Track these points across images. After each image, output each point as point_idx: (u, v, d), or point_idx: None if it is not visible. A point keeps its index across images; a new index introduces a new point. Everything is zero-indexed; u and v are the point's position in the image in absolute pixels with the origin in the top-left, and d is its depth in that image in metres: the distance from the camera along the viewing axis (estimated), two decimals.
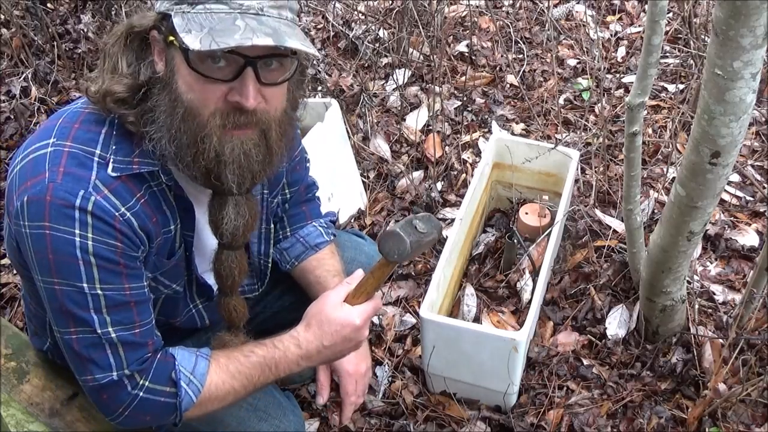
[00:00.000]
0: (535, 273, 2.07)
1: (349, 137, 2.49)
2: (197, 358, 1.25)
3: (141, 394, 1.20)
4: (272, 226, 1.52)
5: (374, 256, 1.56)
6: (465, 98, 2.88)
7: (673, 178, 2.03)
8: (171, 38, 1.09)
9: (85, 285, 1.13)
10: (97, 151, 1.15)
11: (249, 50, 1.06)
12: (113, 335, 1.17)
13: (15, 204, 1.13)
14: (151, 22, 1.14)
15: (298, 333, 1.30)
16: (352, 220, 2.41)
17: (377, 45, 3.06)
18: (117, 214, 1.13)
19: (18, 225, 1.14)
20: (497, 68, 3.06)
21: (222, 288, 1.36)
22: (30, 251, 1.14)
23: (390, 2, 3.19)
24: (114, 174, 1.14)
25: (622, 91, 2.88)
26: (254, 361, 1.27)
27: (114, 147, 1.16)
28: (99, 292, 1.14)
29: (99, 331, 1.16)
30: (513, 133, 2.76)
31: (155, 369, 1.21)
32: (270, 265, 1.55)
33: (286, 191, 1.54)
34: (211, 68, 1.08)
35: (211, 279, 1.40)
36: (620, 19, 3.35)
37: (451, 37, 3.22)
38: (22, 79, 2.93)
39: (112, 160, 1.15)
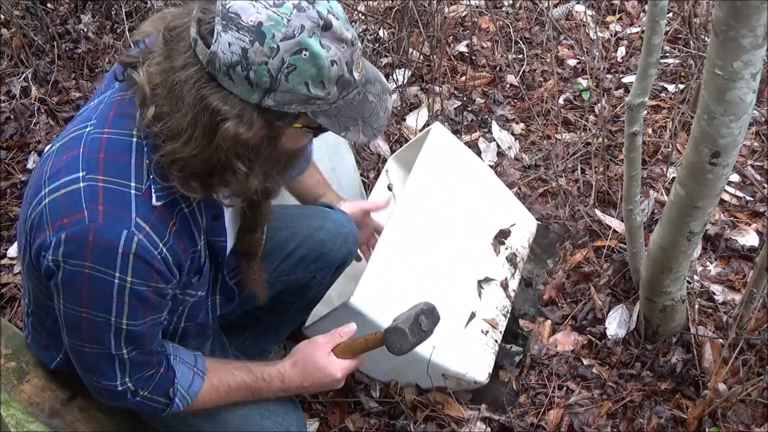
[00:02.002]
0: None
1: None
2: (194, 377, 1.36)
3: (137, 399, 1.32)
4: None
5: (341, 223, 1.73)
6: (465, 98, 2.88)
7: (673, 178, 2.04)
8: (296, 126, 1.15)
9: (112, 318, 1.18)
10: (133, 183, 1.15)
11: None
12: (125, 356, 1.24)
13: (49, 238, 1.14)
14: (259, 121, 1.10)
15: (284, 370, 1.42)
16: None
17: (377, 45, 3.06)
18: (156, 252, 1.16)
19: (54, 257, 1.14)
20: (497, 68, 3.06)
21: (249, 226, 1.43)
22: (60, 280, 1.16)
23: (390, 2, 3.19)
24: (157, 203, 1.15)
25: (622, 91, 2.88)
26: (240, 387, 1.41)
27: (150, 176, 1.15)
28: (123, 326, 1.20)
29: (113, 352, 1.23)
30: (513, 133, 2.76)
31: (156, 384, 1.32)
32: None
33: None
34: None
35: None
36: (620, 19, 3.35)
37: (451, 37, 3.22)
38: (22, 79, 2.93)
39: (153, 189, 1.15)
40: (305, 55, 1.05)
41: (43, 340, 1.46)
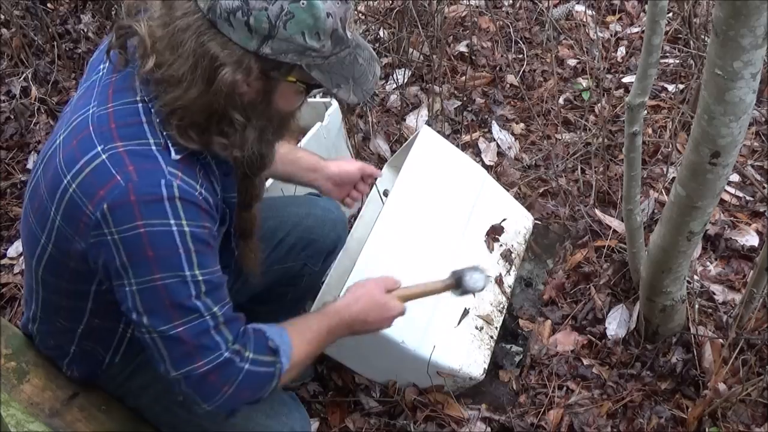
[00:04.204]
0: None
1: (349, 137, 2.49)
2: (280, 330, 1.31)
3: (247, 366, 1.23)
4: None
5: (329, 209, 1.74)
6: (465, 98, 2.88)
7: (673, 178, 2.03)
8: (290, 79, 1.16)
9: (187, 273, 1.15)
10: (151, 140, 1.16)
11: None
12: (219, 315, 1.20)
13: (92, 216, 1.13)
14: (256, 68, 1.12)
15: (347, 304, 1.41)
16: (352, 219, 2.41)
17: (377, 45, 3.06)
18: (196, 193, 1.16)
19: (101, 235, 1.13)
20: (497, 68, 3.06)
21: (244, 203, 1.41)
22: (121, 257, 1.14)
23: (390, 2, 3.19)
24: (177, 156, 1.16)
25: (622, 91, 2.88)
26: (320, 327, 1.37)
27: (165, 133, 1.16)
28: (200, 278, 1.17)
29: (206, 315, 1.18)
30: (513, 133, 2.76)
31: (254, 340, 1.26)
32: None
33: None
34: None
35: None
36: (620, 19, 3.35)
37: (451, 37, 3.22)
38: (22, 79, 2.93)
39: (170, 144, 1.16)
40: (303, 4, 1.09)
41: (52, 340, 1.46)
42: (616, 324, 2.01)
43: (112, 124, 1.17)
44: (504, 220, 2.14)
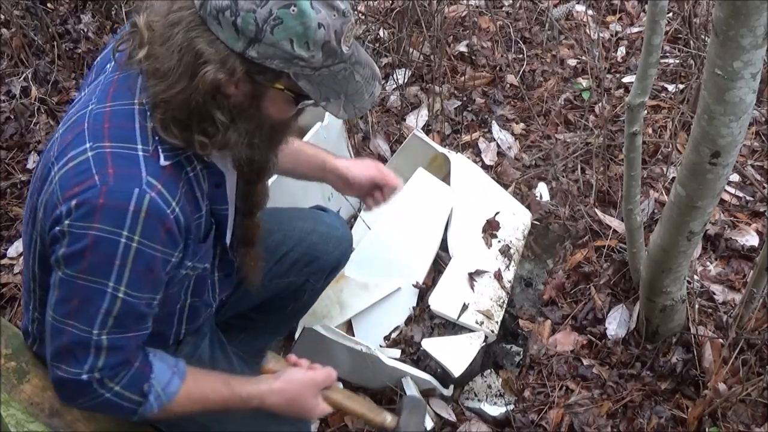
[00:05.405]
0: None
1: (349, 137, 2.49)
2: (173, 377, 1.29)
3: (107, 395, 1.22)
4: None
5: (335, 226, 1.74)
6: (465, 98, 2.88)
7: (673, 178, 2.04)
8: (277, 86, 1.14)
9: (110, 285, 1.14)
10: (139, 146, 1.15)
11: None
12: (105, 339, 1.18)
13: (60, 209, 1.13)
14: (240, 70, 1.10)
15: (267, 395, 1.36)
16: (353, 219, 2.41)
17: (377, 45, 3.06)
18: (169, 211, 1.14)
19: (60, 226, 1.13)
20: (497, 68, 3.06)
21: (245, 210, 1.41)
22: (64, 249, 1.13)
23: (390, 2, 3.19)
24: (165, 163, 1.15)
25: (622, 91, 2.88)
26: (217, 399, 1.33)
27: (156, 137, 1.16)
28: (120, 296, 1.15)
29: (94, 332, 1.17)
30: (513, 133, 2.76)
31: (131, 377, 1.24)
32: None
33: None
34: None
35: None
36: (620, 19, 3.35)
37: (451, 37, 3.22)
38: (22, 79, 2.93)
39: (161, 149, 1.15)
40: (293, 10, 1.07)
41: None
42: (616, 324, 2.01)
43: (106, 123, 1.17)
44: (497, 213, 2.15)
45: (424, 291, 2.04)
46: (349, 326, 2.01)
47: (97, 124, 1.17)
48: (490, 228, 2.13)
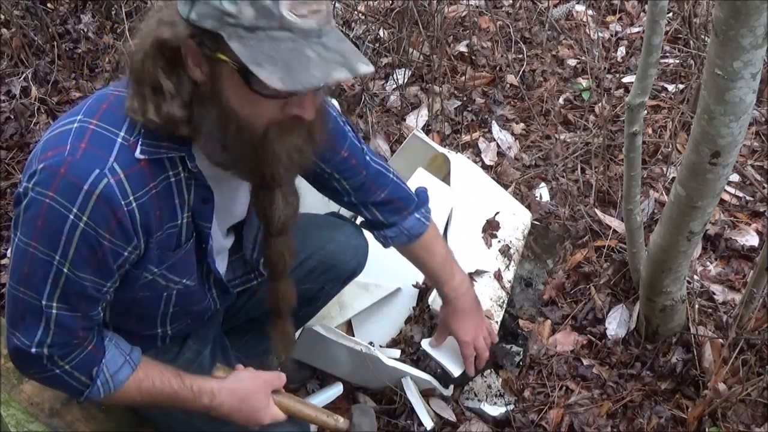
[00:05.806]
0: None
1: None
2: (124, 365, 1.30)
3: (56, 371, 1.24)
4: None
5: (352, 234, 1.72)
6: (465, 98, 2.88)
7: (673, 178, 2.04)
8: (220, 56, 1.07)
9: (56, 257, 1.15)
10: (122, 133, 1.15)
11: None
12: (54, 312, 1.19)
13: (32, 169, 1.14)
14: (185, 32, 1.08)
15: (218, 392, 1.37)
16: (352, 219, 2.41)
17: (377, 45, 3.06)
18: (123, 203, 1.13)
19: (24, 186, 1.14)
20: (497, 68, 3.06)
21: (273, 273, 1.40)
22: (23, 209, 1.15)
23: (390, 2, 3.19)
24: (140, 157, 1.15)
25: (622, 91, 2.88)
26: (165, 389, 1.34)
27: (143, 131, 1.15)
28: (64, 271, 1.16)
29: (43, 301, 1.18)
30: (513, 133, 2.76)
31: (81, 358, 1.25)
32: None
33: (322, 165, 1.51)
34: (269, 88, 1.04)
35: (222, 268, 1.44)
36: (620, 19, 3.35)
37: (451, 37, 3.22)
38: (22, 79, 2.93)
39: (140, 142, 1.15)
40: None
41: None
42: (616, 324, 2.01)
43: (104, 104, 1.18)
44: (497, 213, 2.15)
45: (424, 291, 2.04)
46: (349, 326, 2.01)
47: (97, 103, 1.19)
48: (490, 228, 2.13)
